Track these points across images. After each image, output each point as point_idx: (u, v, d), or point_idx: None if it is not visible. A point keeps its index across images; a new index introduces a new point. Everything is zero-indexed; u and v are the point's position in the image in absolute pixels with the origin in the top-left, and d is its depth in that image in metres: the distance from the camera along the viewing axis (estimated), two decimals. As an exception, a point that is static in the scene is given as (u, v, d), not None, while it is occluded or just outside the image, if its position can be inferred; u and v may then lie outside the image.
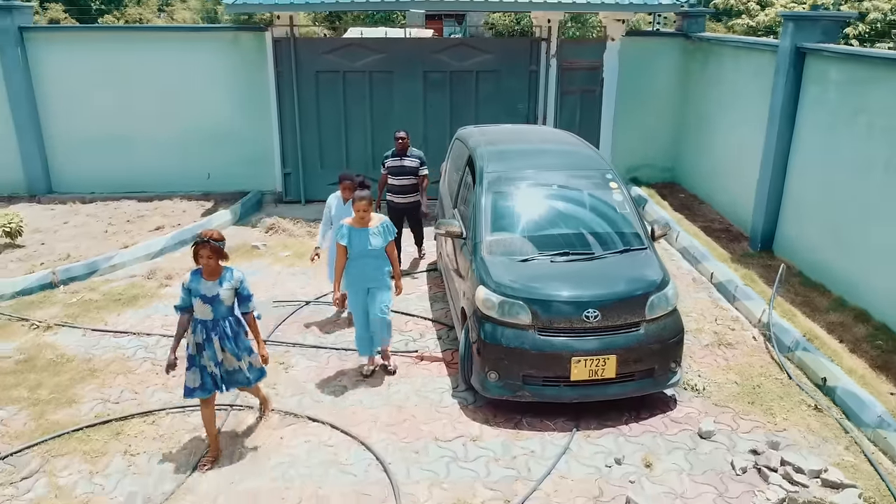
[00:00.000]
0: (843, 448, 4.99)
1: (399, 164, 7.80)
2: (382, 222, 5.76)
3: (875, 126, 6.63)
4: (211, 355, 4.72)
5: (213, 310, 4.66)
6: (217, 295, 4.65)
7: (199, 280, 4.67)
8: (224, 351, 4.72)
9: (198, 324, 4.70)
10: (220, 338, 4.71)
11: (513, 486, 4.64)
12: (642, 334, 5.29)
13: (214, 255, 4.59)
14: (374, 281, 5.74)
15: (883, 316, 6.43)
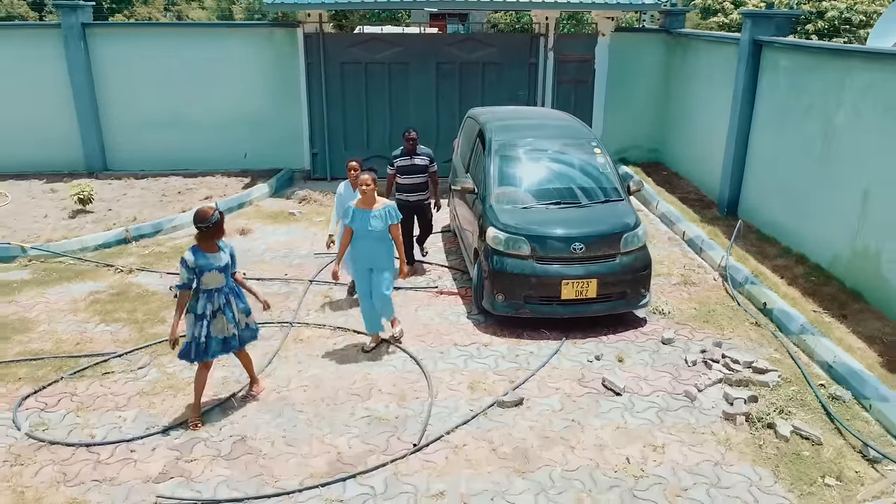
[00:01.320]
0: (772, 350, 6.41)
1: (409, 162, 7.89)
2: (386, 206, 6.09)
3: (814, 106, 8.05)
4: (231, 317, 5.21)
5: (225, 276, 5.16)
6: (227, 263, 5.17)
7: (205, 255, 5.06)
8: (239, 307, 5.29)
9: (213, 293, 5.12)
10: (236, 297, 5.26)
11: (516, 373, 6.07)
12: (618, 264, 6.72)
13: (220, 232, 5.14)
14: (375, 262, 6.12)
15: (817, 258, 7.86)
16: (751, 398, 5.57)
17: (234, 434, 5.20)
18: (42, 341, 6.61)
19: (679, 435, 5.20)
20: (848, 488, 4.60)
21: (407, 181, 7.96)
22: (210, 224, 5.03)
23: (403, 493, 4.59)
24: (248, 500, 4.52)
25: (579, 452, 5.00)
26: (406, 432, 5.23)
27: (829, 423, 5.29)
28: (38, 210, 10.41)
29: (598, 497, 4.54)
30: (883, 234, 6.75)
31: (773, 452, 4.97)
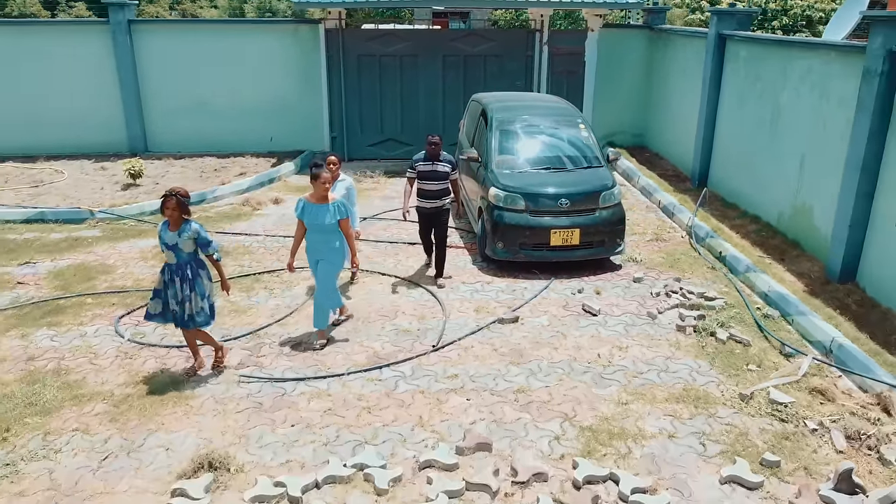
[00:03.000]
0: (723, 286, 7.85)
1: (431, 168, 7.67)
2: (336, 201, 6.26)
3: (765, 90, 9.48)
4: (174, 294, 5.58)
5: (175, 255, 5.52)
6: (176, 244, 5.47)
7: (165, 230, 5.53)
8: (184, 291, 5.57)
9: (165, 266, 5.62)
10: (180, 280, 5.55)
11: (513, 302, 7.50)
12: (597, 217, 8.17)
13: (178, 209, 5.41)
14: (322, 254, 6.33)
15: (767, 217, 9.30)
16: (699, 317, 7.00)
17: (290, 340, 6.63)
18: (123, 280, 8.05)
19: (640, 340, 6.64)
20: (765, 372, 6.03)
21: (427, 187, 7.70)
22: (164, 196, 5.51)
23: (426, 375, 6.03)
24: (307, 379, 5.95)
25: (562, 351, 6.44)
26: (426, 339, 6.66)
27: (759, 333, 6.73)
28: (93, 184, 11.84)
29: (575, 378, 5.98)
30: (815, 193, 8.19)
31: (712, 350, 6.41)
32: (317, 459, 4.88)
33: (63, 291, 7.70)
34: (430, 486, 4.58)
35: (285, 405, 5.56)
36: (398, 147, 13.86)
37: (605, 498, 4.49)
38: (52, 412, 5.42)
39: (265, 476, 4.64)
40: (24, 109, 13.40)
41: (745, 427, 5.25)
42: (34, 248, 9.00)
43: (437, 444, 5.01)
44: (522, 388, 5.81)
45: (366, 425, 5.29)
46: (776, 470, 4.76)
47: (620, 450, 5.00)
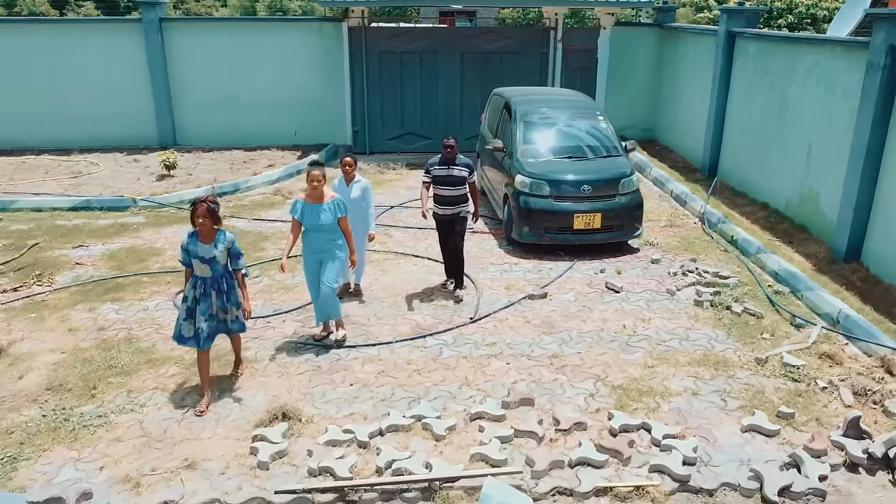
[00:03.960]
0: (735, 266, 8.39)
1: (447, 173, 7.28)
2: (334, 200, 6.15)
3: (773, 84, 10.01)
4: (204, 310, 5.23)
5: (211, 269, 5.22)
6: (214, 256, 5.17)
7: (197, 243, 5.19)
8: (217, 304, 5.32)
9: (197, 280, 5.26)
10: (217, 292, 5.28)
11: (540, 280, 8.04)
12: (616, 202, 8.70)
13: (209, 217, 5.10)
14: (323, 252, 6.23)
15: (776, 204, 9.84)
16: (715, 293, 7.54)
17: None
18: (173, 261, 8.57)
19: (661, 313, 7.18)
20: (777, 341, 6.57)
21: (443, 192, 7.34)
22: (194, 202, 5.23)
23: (466, 343, 6.57)
24: (359, 346, 6.49)
25: (589, 323, 6.98)
26: (463, 313, 7.20)
27: (770, 307, 7.27)
28: (129, 175, 12.37)
29: (603, 345, 6.52)
30: (821, 180, 8.73)
31: (728, 322, 6.95)
32: (377, 412, 5.42)
33: (119, 271, 8.24)
34: (481, 433, 5.13)
35: (341, 368, 6.11)
36: (417, 140, 14.39)
37: (639, 443, 5.03)
38: (130, 374, 5.96)
39: (334, 425, 5.19)
40: (59, 105, 13.93)
41: (762, 386, 5.79)
42: (84, 233, 9.53)
43: (484, 400, 5.55)
44: (556, 354, 6.35)
45: (417, 384, 5.83)
46: (791, 421, 5.30)
47: (650, 405, 5.54)
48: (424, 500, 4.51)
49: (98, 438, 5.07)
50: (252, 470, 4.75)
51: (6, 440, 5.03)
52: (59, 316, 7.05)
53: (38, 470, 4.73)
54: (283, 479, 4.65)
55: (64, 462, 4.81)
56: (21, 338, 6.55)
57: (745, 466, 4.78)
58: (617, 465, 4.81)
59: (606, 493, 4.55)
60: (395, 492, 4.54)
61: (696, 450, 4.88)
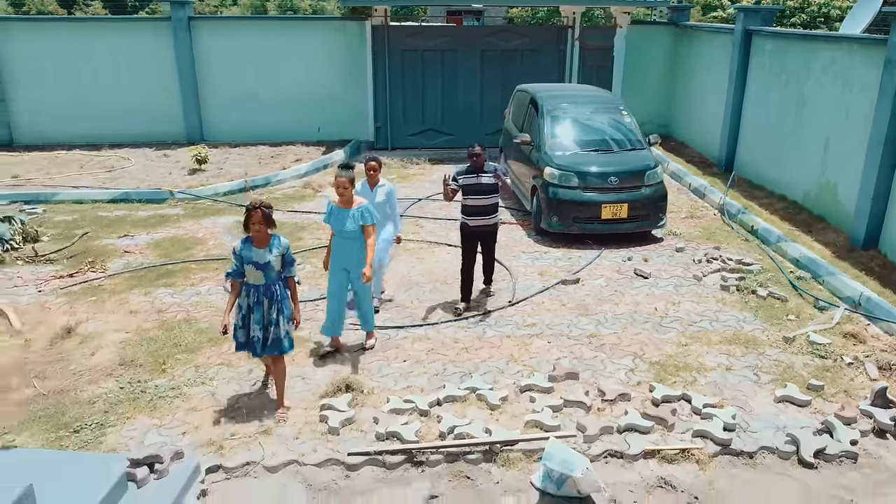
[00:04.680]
0: (757, 254, 8.75)
1: (476, 181, 6.92)
2: (361, 206, 5.90)
3: (790, 81, 10.37)
4: (258, 318, 5.06)
5: (265, 275, 5.00)
6: (269, 262, 4.96)
7: (251, 248, 4.97)
8: (271, 314, 5.06)
9: (250, 288, 5.04)
10: (269, 300, 5.05)
11: (571, 267, 8.40)
12: (642, 193, 9.07)
13: (264, 223, 4.88)
14: (350, 262, 6.00)
15: (793, 196, 10.20)
16: (740, 278, 7.90)
17: (382, 299, 7.52)
18: (217, 249, 8.94)
19: (690, 297, 7.54)
20: (802, 322, 6.93)
21: (472, 202, 6.97)
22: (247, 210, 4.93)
23: (508, 324, 6.93)
24: (406, 327, 6.85)
25: (622, 306, 7.34)
26: (501, 298, 7.56)
27: (793, 291, 7.63)
28: (161, 169, 12.73)
29: (638, 326, 6.88)
30: (839, 172, 9.09)
31: (754, 305, 7.31)
32: (432, 385, 5.78)
33: (167, 258, 8.60)
34: (532, 403, 5.49)
35: (393, 346, 6.47)
36: (438, 136, 14.76)
37: (680, 412, 5.39)
38: (195, 351, 6.32)
39: (394, 396, 5.55)
40: (90, 101, 14.30)
41: (791, 362, 6.15)
42: (127, 224, 9.89)
43: (531, 374, 5.92)
44: (594, 334, 6.71)
45: (467, 360, 6.20)
46: (821, 392, 5.66)
47: (687, 378, 5.90)
48: (486, 461, 4.87)
49: (176, 408, 5.44)
50: (323, 435, 5.11)
51: (90, 409, 5.40)
52: (118, 299, 7.41)
53: (125, 435, 5.10)
54: (354, 442, 5.02)
55: (147, 428, 5.18)
56: (86, 319, 6.91)
57: (781, 432, 5.15)
58: (662, 431, 5.17)
59: (654, 456, 4.92)
60: (459, 454, 4.91)
61: (734, 417, 5.25)
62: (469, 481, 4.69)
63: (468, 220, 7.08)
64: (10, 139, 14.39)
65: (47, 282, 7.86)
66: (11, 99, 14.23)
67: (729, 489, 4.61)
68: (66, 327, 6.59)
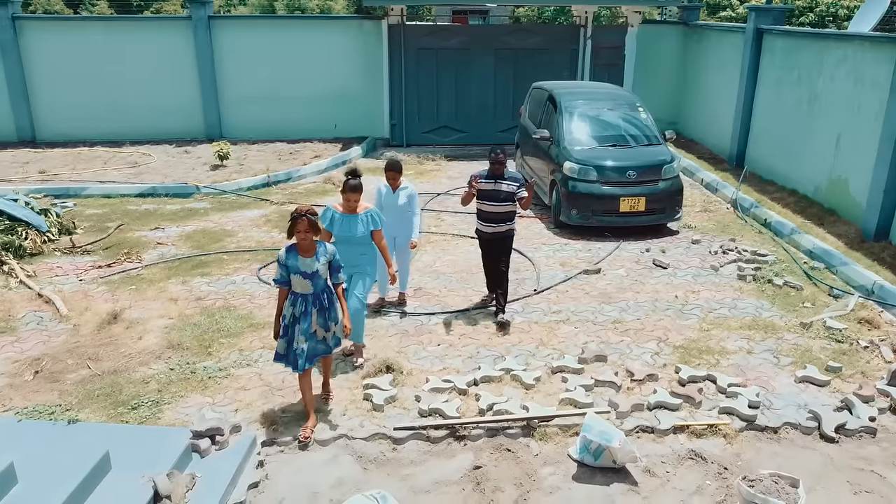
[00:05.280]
0: (771, 246, 9.02)
1: (494, 187, 6.69)
2: (368, 211, 5.83)
3: (802, 78, 10.64)
4: (304, 329, 4.86)
5: (312, 284, 4.83)
6: (316, 271, 4.80)
7: (296, 257, 4.79)
8: (318, 322, 4.94)
9: (297, 297, 4.86)
10: (318, 310, 4.92)
11: (591, 258, 8.68)
12: (659, 187, 9.34)
13: (311, 230, 4.70)
14: (354, 267, 5.84)
15: (804, 190, 10.47)
16: (756, 268, 8.17)
17: (411, 286, 7.79)
18: (246, 241, 9.22)
19: (708, 286, 7.81)
20: (818, 309, 7.20)
21: (488, 209, 6.76)
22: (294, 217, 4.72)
23: (535, 311, 7.21)
24: (435, 314, 7.13)
25: (643, 294, 7.62)
26: (526, 287, 7.84)
27: (808, 280, 7.90)
28: (183, 165, 13.01)
29: (660, 313, 7.16)
30: (850, 166, 9.36)
31: (771, 293, 7.58)
32: (467, 367, 6.05)
33: (199, 250, 8.87)
34: (565, 382, 5.77)
35: (426, 331, 6.75)
36: (452, 133, 15.04)
37: (706, 391, 5.67)
38: (237, 335, 6.60)
39: (433, 376, 5.83)
40: (111, 99, 14.58)
41: (808, 346, 6.43)
42: (157, 217, 10.17)
43: (562, 357, 6.19)
44: (618, 320, 6.99)
45: (498, 344, 6.47)
46: (839, 373, 5.93)
47: (710, 361, 6.17)
48: (524, 436, 5.14)
49: (225, 387, 5.71)
50: (369, 412, 5.38)
51: (145, 388, 5.67)
52: (157, 288, 7.69)
53: (180, 412, 5.37)
54: (397, 419, 5.29)
55: (201, 405, 5.45)
56: (129, 306, 7.19)
57: (803, 409, 5.42)
58: (689, 408, 5.45)
59: (684, 431, 5.19)
60: (499, 429, 5.18)
61: (758, 395, 5.52)
62: (510, 453, 4.96)
63: (481, 225, 6.91)
64: (32, 136, 14.67)
65: (86, 271, 8.14)
66: (34, 96, 14.51)
67: (756, 460, 4.88)
68: (111, 313, 6.86)
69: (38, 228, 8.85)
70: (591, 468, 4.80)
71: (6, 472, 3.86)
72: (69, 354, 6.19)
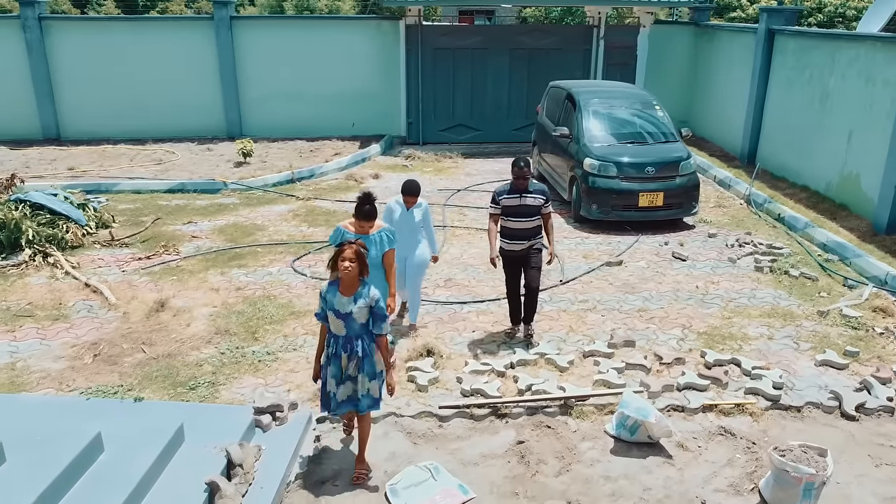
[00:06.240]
0: (786, 240, 9.33)
1: (518, 202, 6.25)
2: (382, 230, 5.39)
3: (813, 77, 10.95)
4: (334, 372, 4.42)
5: (345, 326, 4.34)
6: (350, 312, 4.30)
7: (335, 293, 4.34)
8: (349, 370, 4.42)
9: (330, 336, 4.45)
10: (349, 355, 4.39)
11: (612, 251, 8.99)
12: (676, 182, 9.66)
13: (357, 263, 4.22)
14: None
15: (816, 186, 10.78)
16: (772, 260, 8.49)
17: (441, 277, 8.11)
18: (278, 235, 9.54)
19: (727, 277, 8.13)
20: (833, 298, 7.52)
21: (513, 226, 6.32)
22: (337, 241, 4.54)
23: (562, 300, 7.52)
24: (465, 302, 7.44)
25: (665, 285, 7.93)
26: (551, 278, 8.14)
27: (823, 271, 8.22)
28: (207, 162, 13.32)
29: (682, 302, 7.47)
30: (861, 162, 9.67)
31: (788, 284, 7.90)
32: (502, 351, 6.37)
33: (233, 243, 9.19)
34: (597, 365, 6.08)
35: (460, 319, 7.07)
36: (467, 131, 15.35)
37: (731, 374, 5.98)
38: (280, 322, 6.91)
39: (472, 359, 6.14)
40: (134, 97, 14.91)
41: (826, 332, 6.74)
42: (188, 212, 10.49)
43: (592, 342, 6.51)
44: (643, 309, 7.31)
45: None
46: (857, 357, 6.24)
47: (733, 346, 6.49)
48: (562, 414, 5.46)
49: (276, 369, 6.03)
50: (413, 392, 5.70)
51: (200, 370, 5.99)
52: (198, 279, 8.00)
53: (236, 391, 5.69)
54: (441, 398, 5.61)
55: (254, 386, 5.77)
56: (172, 295, 7.50)
57: (824, 390, 5.73)
58: (717, 389, 5.76)
59: (712, 410, 5.50)
60: (538, 408, 5.50)
61: (781, 377, 5.83)
62: (550, 430, 5.28)
63: (507, 243, 6.41)
64: (57, 133, 14.99)
65: (127, 263, 8.46)
66: (59, 95, 14.84)
67: (781, 436, 5.19)
68: (158, 302, 7.18)
69: (78, 222, 9.17)
70: (626, 443, 5.11)
71: (94, 441, 4.18)
72: (123, 339, 6.51)
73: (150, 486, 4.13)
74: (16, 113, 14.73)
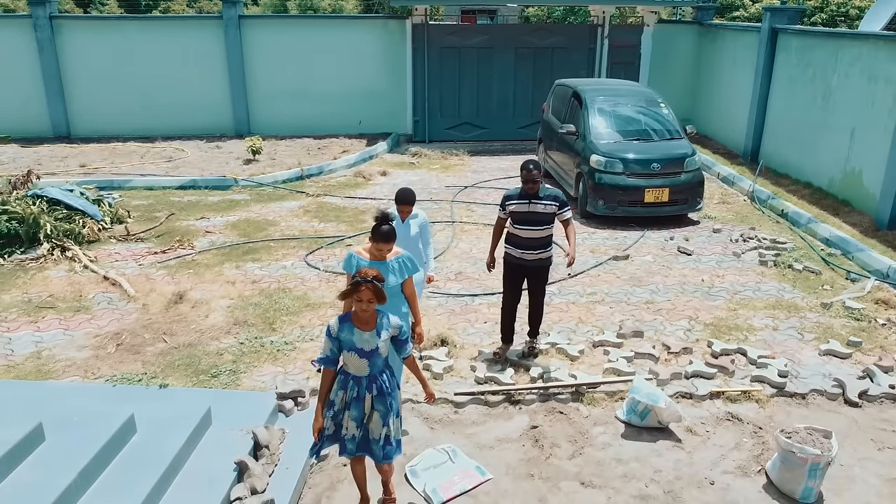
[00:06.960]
0: (789, 235, 9.49)
1: (527, 208, 5.77)
2: (401, 255, 4.76)
3: (816, 75, 11.11)
4: (356, 416, 3.98)
5: (370, 364, 3.92)
6: (376, 348, 3.89)
7: (352, 330, 3.87)
8: (374, 411, 3.98)
9: (349, 379, 3.98)
10: (377, 395, 3.98)
11: (619, 246, 9.15)
12: (682, 179, 9.82)
13: (375, 299, 3.78)
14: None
15: (819, 183, 10.95)
16: (776, 255, 8.65)
17: (452, 271, 8.27)
18: (290, 230, 9.70)
19: (731, 271, 8.29)
20: (836, 291, 7.68)
21: (521, 234, 5.86)
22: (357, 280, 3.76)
23: (570, 293, 7.69)
24: (476, 294, 7.61)
25: (671, 278, 8.10)
26: (559, 271, 8.30)
27: (826, 265, 8.38)
28: (216, 159, 13.49)
29: (688, 294, 7.64)
30: (864, 159, 9.83)
31: (792, 277, 8.06)
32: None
33: (247, 238, 9.36)
34: (607, 355, 6.25)
35: (471, 311, 7.23)
36: (473, 130, 15.52)
37: (738, 363, 6.14)
38: (296, 314, 7.08)
39: (484, 349, 6.31)
40: (144, 95, 15.08)
41: (830, 324, 6.90)
42: (201, 208, 10.66)
43: (601, 332, 6.67)
44: (650, 301, 7.47)
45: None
46: (860, 347, 6.41)
47: (739, 336, 6.65)
48: (574, 401, 5.63)
49: (294, 358, 6.20)
50: (429, 380, 5.84)
51: (221, 359, 6.16)
52: (214, 272, 8.17)
53: (256, 379, 5.86)
54: (456, 385, 5.78)
55: (274, 374, 5.94)
56: (190, 288, 7.66)
57: (828, 378, 5.90)
58: (723, 377, 5.93)
59: (720, 396, 5.67)
60: (550, 395, 5.67)
61: (786, 366, 6.00)
62: (562, 415, 5.45)
63: (512, 250, 5.94)
64: (67, 131, 15.17)
65: (144, 257, 8.63)
66: (70, 93, 15.01)
67: (787, 422, 5.35)
68: (176, 294, 7.35)
69: (94, 217, 9.34)
70: (637, 428, 5.28)
71: (128, 422, 4.35)
72: (145, 329, 6.68)
73: (182, 465, 4.29)
74: (27, 111, 14.91)
